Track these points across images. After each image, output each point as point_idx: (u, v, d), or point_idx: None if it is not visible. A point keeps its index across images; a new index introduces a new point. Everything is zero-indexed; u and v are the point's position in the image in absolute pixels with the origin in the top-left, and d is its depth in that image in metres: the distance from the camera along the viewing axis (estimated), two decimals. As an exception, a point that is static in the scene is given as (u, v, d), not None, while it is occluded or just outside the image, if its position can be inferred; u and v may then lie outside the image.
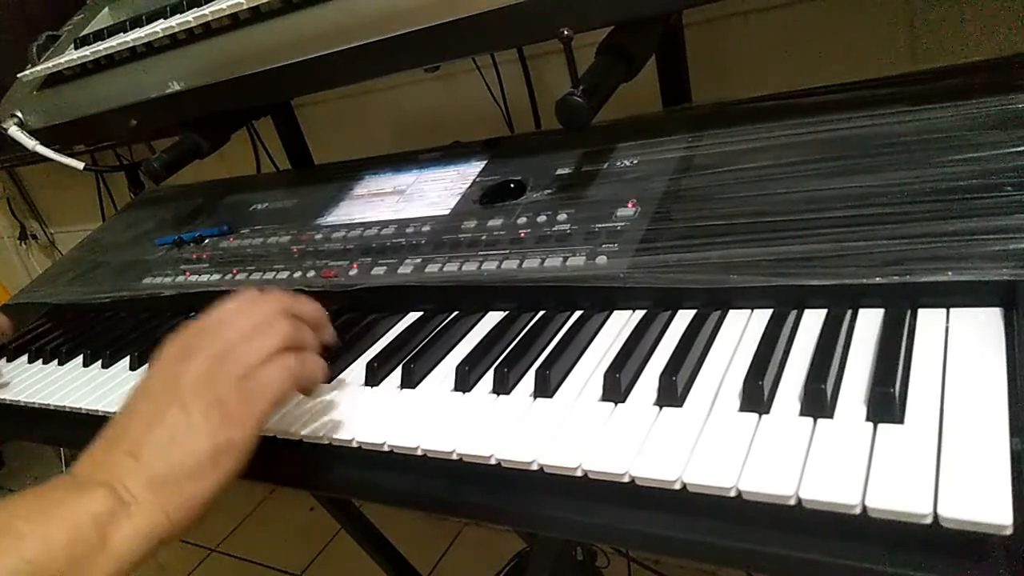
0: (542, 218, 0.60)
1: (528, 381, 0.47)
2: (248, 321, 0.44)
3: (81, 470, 0.40)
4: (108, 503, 0.38)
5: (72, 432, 0.67)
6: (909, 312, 0.41)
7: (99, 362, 0.72)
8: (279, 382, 0.43)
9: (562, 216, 0.59)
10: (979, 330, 0.39)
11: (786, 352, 0.42)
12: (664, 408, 0.41)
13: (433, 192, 0.72)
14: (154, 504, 0.39)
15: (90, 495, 0.38)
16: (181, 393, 0.41)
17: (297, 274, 0.69)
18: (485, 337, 0.54)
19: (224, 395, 0.41)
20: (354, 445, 0.47)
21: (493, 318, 0.57)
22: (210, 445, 0.40)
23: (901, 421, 0.35)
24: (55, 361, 0.76)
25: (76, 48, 0.86)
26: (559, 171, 0.65)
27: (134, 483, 0.39)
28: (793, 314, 0.45)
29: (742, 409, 0.39)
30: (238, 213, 0.87)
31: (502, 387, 0.47)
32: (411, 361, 0.52)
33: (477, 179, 0.70)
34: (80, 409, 0.64)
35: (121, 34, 0.81)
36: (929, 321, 0.41)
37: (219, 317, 0.45)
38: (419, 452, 0.45)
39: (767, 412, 0.38)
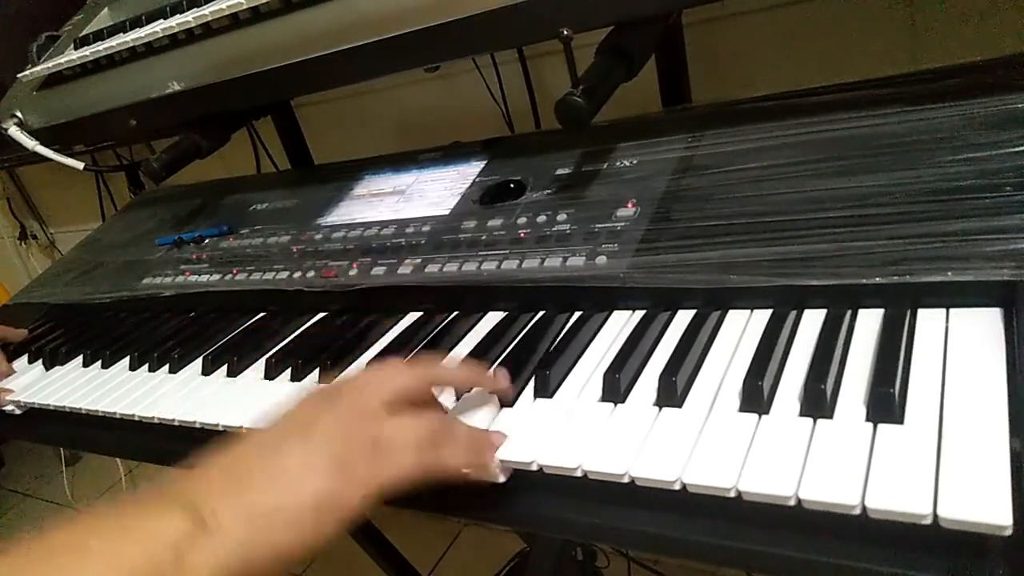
0: (542, 218, 0.60)
1: (528, 381, 0.47)
2: (397, 385, 0.42)
3: (176, 485, 0.37)
4: (186, 526, 0.34)
5: (70, 432, 0.68)
6: (909, 312, 0.41)
7: (99, 362, 0.72)
8: (409, 469, 0.39)
9: (562, 216, 0.59)
10: (979, 330, 0.39)
11: (786, 352, 0.42)
12: (664, 408, 0.41)
13: (433, 192, 0.72)
14: (240, 537, 0.35)
15: (169, 516, 0.35)
16: (310, 432, 0.39)
17: (297, 274, 0.69)
18: (485, 337, 0.54)
19: (352, 451, 0.38)
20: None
21: (493, 318, 0.57)
22: (317, 494, 0.36)
23: (901, 421, 0.35)
24: (55, 361, 0.76)
25: (76, 48, 0.86)
26: (559, 171, 0.65)
27: (226, 509, 0.35)
28: (793, 314, 0.45)
29: (742, 409, 0.39)
30: (238, 213, 0.87)
31: (502, 387, 0.47)
32: (411, 361, 0.52)
33: (477, 179, 0.70)
34: (79, 409, 0.64)
35: (121, 34, 0.81)
36: (929, 321, 0.41)
37: (370, 377, 0.43)
38: (419, 452, 0.45)
39: (767, 412, 0.38)
